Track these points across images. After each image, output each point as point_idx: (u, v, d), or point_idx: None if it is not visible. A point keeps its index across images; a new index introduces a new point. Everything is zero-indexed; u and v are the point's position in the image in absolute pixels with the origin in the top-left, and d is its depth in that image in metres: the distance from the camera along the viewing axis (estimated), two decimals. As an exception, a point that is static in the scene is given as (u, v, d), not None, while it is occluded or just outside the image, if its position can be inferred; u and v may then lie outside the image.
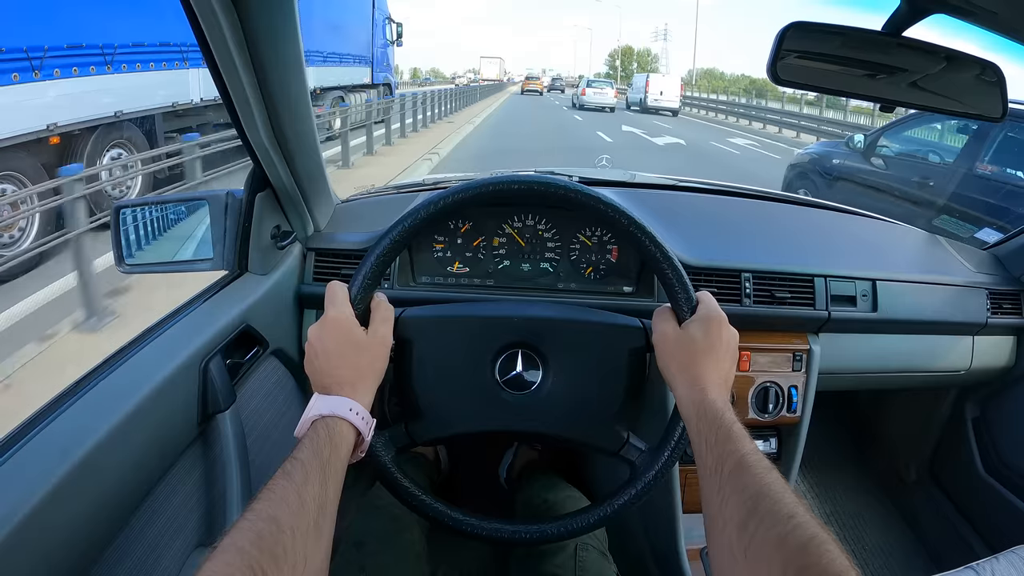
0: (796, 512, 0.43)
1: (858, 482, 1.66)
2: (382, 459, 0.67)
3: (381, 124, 9.44)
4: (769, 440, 1.13)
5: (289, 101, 0.76)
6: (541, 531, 0.69)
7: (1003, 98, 0.81)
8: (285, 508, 0.44)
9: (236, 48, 0.65)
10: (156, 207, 0.90)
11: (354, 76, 10.29)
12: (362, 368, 0.60)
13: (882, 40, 0.76)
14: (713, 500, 0.48)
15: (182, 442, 0.69)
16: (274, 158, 0.81)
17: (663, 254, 0.66)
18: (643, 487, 0.67)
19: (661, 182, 1.47)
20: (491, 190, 0.67)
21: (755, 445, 0.51)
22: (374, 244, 0.66)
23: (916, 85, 0.82)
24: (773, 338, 1.06)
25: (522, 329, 0.72)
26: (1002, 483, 1.26)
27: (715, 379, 0.59)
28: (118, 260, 0.87)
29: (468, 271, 1.00)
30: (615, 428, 0.71)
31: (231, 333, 0.77)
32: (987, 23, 0.74)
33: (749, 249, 1.09)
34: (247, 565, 0.39)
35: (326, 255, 0.99)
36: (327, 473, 0.50)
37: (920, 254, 1.27)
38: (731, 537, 0.44)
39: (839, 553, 0.39)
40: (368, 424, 0.58)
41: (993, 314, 1.16)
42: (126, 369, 0.65)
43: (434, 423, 0.71)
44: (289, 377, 0.95)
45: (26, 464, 0.51)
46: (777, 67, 0.71)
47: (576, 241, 1.00)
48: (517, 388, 0.71)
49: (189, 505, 0.70)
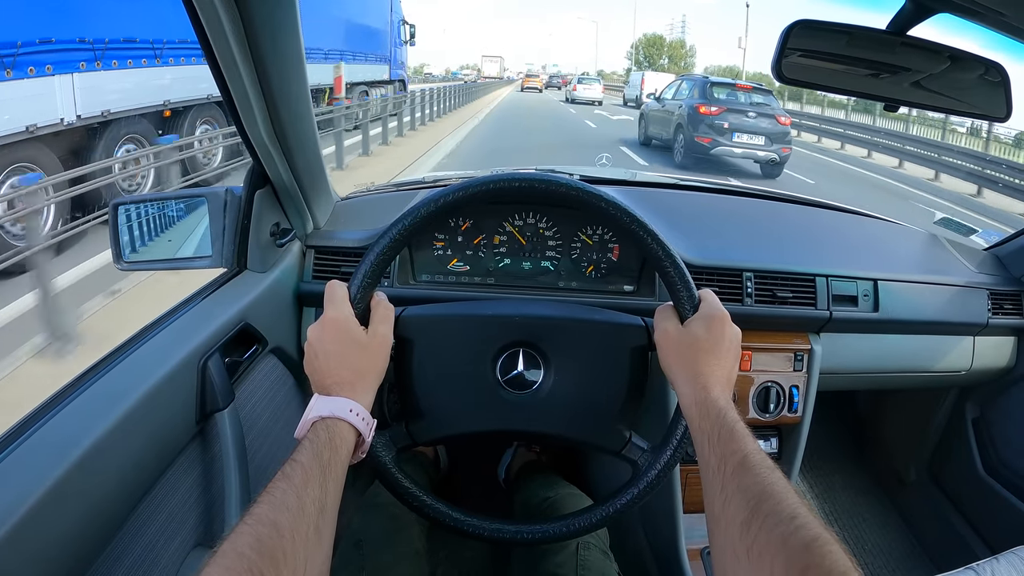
0: (799, 512, 0.42)
1: (858, 482, 1.66)
2: (383, 459, 0.66)
3: (393, 117, 10.29)
4: (770, 440, 1.13)
5: (289, 99, 0.75)
6: (543, 531, 0.69)
7: (1007, 98, 0.81)
8: (285, 511, 0.44)
9: (237, 45, 0.64)
10: (155, 204, 0.90)
11: (376, 73, 11.59)
12: (362, 368, 0.60)
13: (887, 39, 0.75)
14: (716, 499, 0.48)
15: (180, 441, 0.68)
16: (274, 155, 0.80)
17: (665, 252, 0.66)
18: (646, 486, 0.67)
19: (663, 181, 1.47)
20: (492, 188, 0.67)
21: (758, 444, 0.51)
22: (374, 242, 0.65)
23: (920, 84, 0.82)
24: (774, 338, 1.06)
25: (523, 328, 0.72)
26: (1002, 484, 1.26)
27: (718, 377, 0.59)
28: (116, 257, 0.86)
29: (468, 269, 1.00)
30: (617, 427, 0.70)
31: (230, 331, 0.77)
32: (992, 23, 0.74)
33: (751, 248, 1.09)
34: (247, 569, 0.38)
35: (325, 253, 0.99)
36: (327, 476, 0.49)
37: (921, 254, 1.27)
38: (734, 537, 0.44)
39: (842, 554, 0.39)
40: (368, 425, 0.58)
41: (994, 314, 1.16)
42: (124, 367, 0.64)
43: (435, 423, 0.70)
44: (288, 375, 0.95)
45: (23, 463, 0.50)
46: (782, 65, 0.71)
47: (577, 240, 1.00)
48: (518, 388, 0.70)
49: (187, 504, 0.69)
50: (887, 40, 0.76)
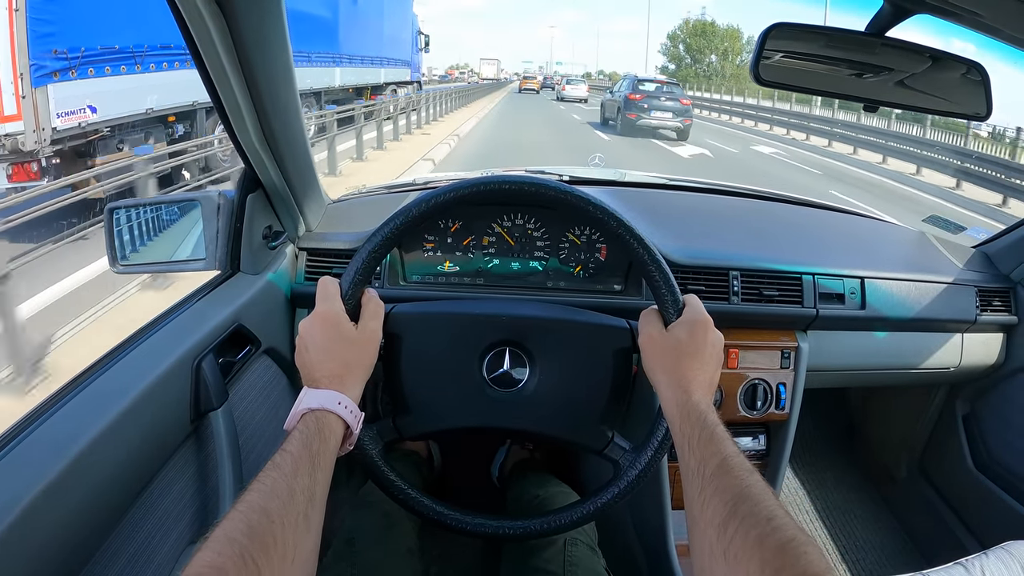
0: (776, 514, 0.43)
1: (849, 478, 1.67)
2: (369, 452, 0.67)
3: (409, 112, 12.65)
4: (758, 437, 1.14)
5: (278, 104, 0.76)
6: (524, 527, 0.70)
7: (987, 97, 0.82)
8: (275, 499, 0.45)
9: (226, 54, 0.66)
10: (149, 208, 0.91)
11: (401, 75, 14.96)
12: (351, 362, 0.61)
13: (866, 40, 0.76)
14: (695, 501, 0.49)
15: (175, 440, 0.69)
16: (265, 160, 0.81)
17: (651, 256, 0.67)
18: (626, 486, 0.68)
19: (651, 181, 1.48)
20: (482, 190, 0.68)
21: (738, 448, 0.52)
22: (365, 241, 0.66)
23: (902, 84, 0.82)
24: (761, 335, 1.07)
25: (510, 328, 0.73)
26: (992, 479, 1.27)
27: (700, 381, 0.60)
28: (112, 261, 0.87)
29: (458, 270, 1.01)
30: (600, 427, 0.72)
31: (223, 332, 0.78)
32: (969, 23, 0.75)
33: (737, 247, 1.10)
34: (238, 554, 0.39)
35: (317, 254, 1.00)
36: (316, 465, 0.51)
37: (909, 252, 1.28)
38: (711, 538, 0.45)
39: (818, 555, 0.40)
40: (356, 418, 0.59)
41: (982, 311, 1.17)
42: (119, 368, 0.66)
43: (421, 418, 0.72)
44: (281, 376, 0.96)
45: (20, 463, 0.52)
46: (760, 67, 0.71)
47: (565, 240, 1.01)
48: (503, 386, 0.72)
49: (182, 503, 0.70)
50: (867, 41, 0.76)
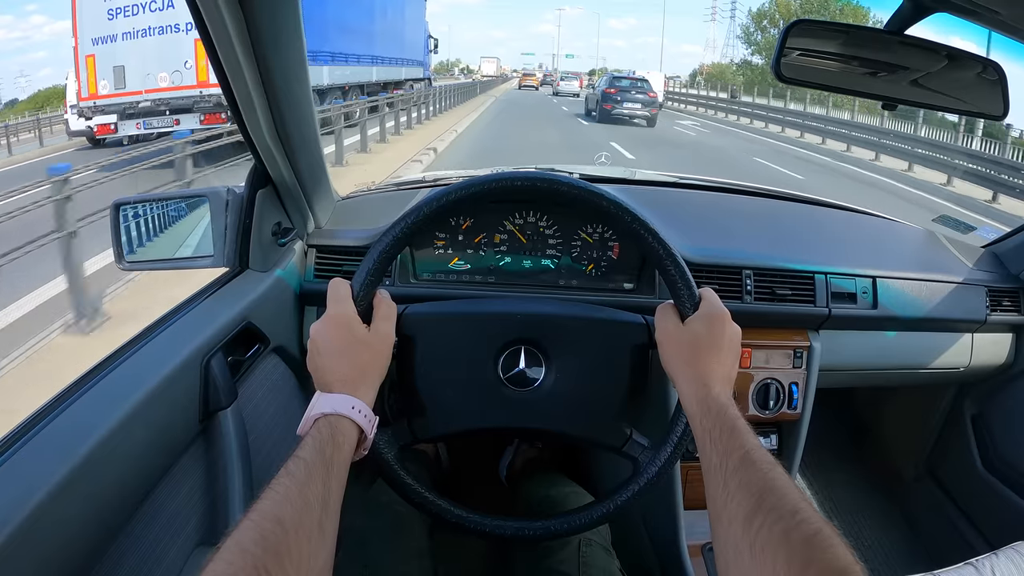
0: (801, 507, 0.43)
1: (858, 479, 1.67)
2: (385, 456, 0.66)
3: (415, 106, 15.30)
4: (770, 437, 1.14)
5: (292, 99, 0.75)
6: (545, 527, 0.69)
7: (1004, 97, 0.81)
8: (288, 507, 0.44)
9: (240, 46, 0.65)
10: (156, 204, 0.90)
11: (416, 73, 18.37)
12: (364, 365, 0.60)
13: (885, 38, 0.76)
14: (718, 495, 0.48)
15: (183, 440, 0.68)
16: (276, 155, 0.80)
17: (666, 250, 0.67)
18: (646, 483, 0.68)
19: (662, 179, 1.47)
20: (494, 187, 0.67)
21: (759, 441, 0.51)
22: (376, 241, 0.65)
23: (918, 83, 0.82)
24: (774, 335, 1.06)
25: (524, 326, 0.72)
26: (1001, 480, 1.26)
27: (719, 375, 0.59)
28: (118, 257, 0.86)
29: (469, 268, 1.00)
30: (618, 425, 0.71)
31: (232, 330, 0.77)
32: (989, 22, 0.74)
33: (750, 246, 1.09)
34: (251, 565, 0.38)
35: (327, 252, 0.99)
36: (330, 472, 0.50)
37: (920, 252, 1.28)
38: (736, 532, 0.44)
39: (844, 548, 0.39)
40: (371, 422, 0.58)
41: (992, 311, 1.16)
42: (127, 366, 0.65)
43: (437, 420, 0.71)
44: (290, 374, 0.95)
45: (27, 462, 0.51)
46: (781, 64, 0.71)
47: (577, 238, 1.00)
48: (520, 385, 0.71)
49: (191, 503, 0.69)
50: (885, 39, 0.76)
